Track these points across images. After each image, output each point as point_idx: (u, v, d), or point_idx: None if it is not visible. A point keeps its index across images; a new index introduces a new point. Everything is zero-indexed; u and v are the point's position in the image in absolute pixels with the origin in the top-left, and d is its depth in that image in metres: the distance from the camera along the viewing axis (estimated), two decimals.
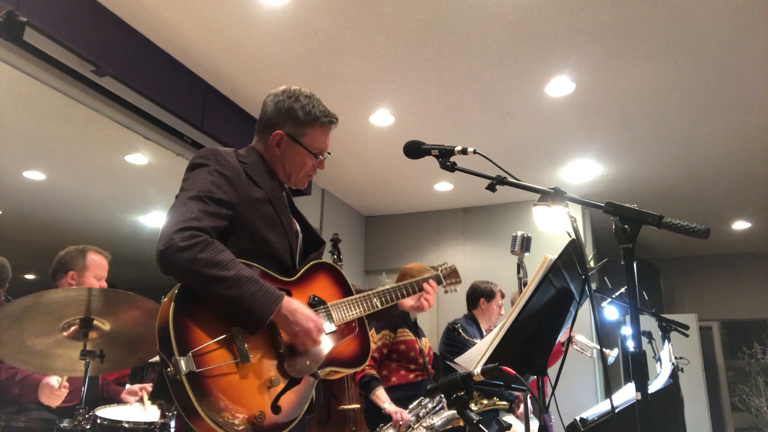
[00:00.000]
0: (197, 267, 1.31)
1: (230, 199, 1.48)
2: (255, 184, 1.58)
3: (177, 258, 1.31)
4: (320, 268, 1.68)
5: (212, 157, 1.53)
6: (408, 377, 2.98)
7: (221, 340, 1.34)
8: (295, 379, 1.44)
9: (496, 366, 1.26)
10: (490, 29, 3.34)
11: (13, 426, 2.05)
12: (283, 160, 1.68)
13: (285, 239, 1.59)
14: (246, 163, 1.61)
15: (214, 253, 1.34)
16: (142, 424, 2.14)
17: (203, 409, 1.24)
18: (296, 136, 1.67)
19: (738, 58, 3.53)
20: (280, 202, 1.62)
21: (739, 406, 7.40)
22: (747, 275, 7.78)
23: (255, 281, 1.37)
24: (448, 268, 2.18)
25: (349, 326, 1.65)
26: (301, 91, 1.71)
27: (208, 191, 1.44)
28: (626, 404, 1.96)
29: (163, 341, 1.29)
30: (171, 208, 1.43)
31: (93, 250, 2.60)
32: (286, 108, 1.68)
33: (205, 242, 1.35)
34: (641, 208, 1.22)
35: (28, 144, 4.25)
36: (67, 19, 2.92)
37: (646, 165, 5.20)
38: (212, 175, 1.48)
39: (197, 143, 3.95)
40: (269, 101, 1.72)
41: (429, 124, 4.50)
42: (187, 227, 1.35)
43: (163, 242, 1.33)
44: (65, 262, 2.54)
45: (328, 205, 5.89)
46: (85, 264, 2.54)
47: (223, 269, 1.33)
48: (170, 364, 1.25)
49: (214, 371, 1.30)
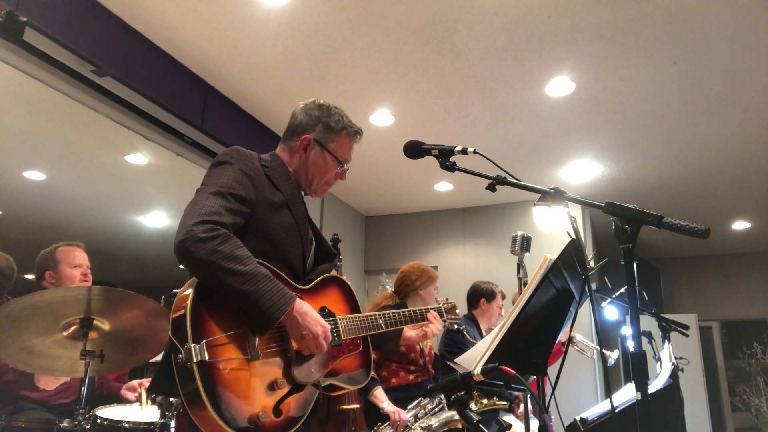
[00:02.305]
0: (216, 259, 1.32)
1: (250, 197, 1.50)
2: (275, 188, 1.60)
3: (197, 249, 1.32)
4: (333, 281, 1.71)
5: (236, 156, 1.56)
6: (408, 378, 2.98)
7: (235, 334, 1.35)
8: (299, 385, 1.45)
9: (496, 366, 1.26)
10: (490, 29, 3.34)
11: (13, 426, 2.04)
12: (307, 166, 1.72)
13: (299, 244, 1.61)
14: (268, 167, 1.63)
15: (233, 247, 1.36)
16: (142, 424, 2.14)
17: (208, 399, 1.24)
18: (324, 141, 1.72)
19: (738, 58, 3.53)
20: (298, 207, 1.64)
21: (739, 406, 7.40)
22: (747, 275, 7.78)
23: (271, 279, 1.39)
24: (449, 305, 2.19)
25: (354, 343, 1.66)
26: (329, 104, 1.79)
27: (230, 187, 1.46)
28: (626, 404, 1.96)
29: (178, 327, 1.30)
30: (191, 201, 1.44)
31: (62, 245, 2.63)
32: (316, 115, 1.74)
33: (225, 236, 1.37)
34: (641, 208, 1.21)
35: (28, 144, 4.24)
36: (67, 19, 2.93)
37: (646, 165, 5.20)
38: (235, 172, 1.51)
39: (197, 143, 3.95)
40: (299, 109, 1.78)
41: (429, 124, 4.50)
42: (207, 220, 1.36)
43: (183, 233, 1.34)
44: (40, 266, 2.59)
45: (328, 205, 5.89)
46: (56, 259, 2.57)
47: (241, 264, 1.35)
48: (182, 351, 1.26)
49: (224, 364, 1.31)
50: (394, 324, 1.82)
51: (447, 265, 6.25)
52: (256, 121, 4.40)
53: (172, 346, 1.30)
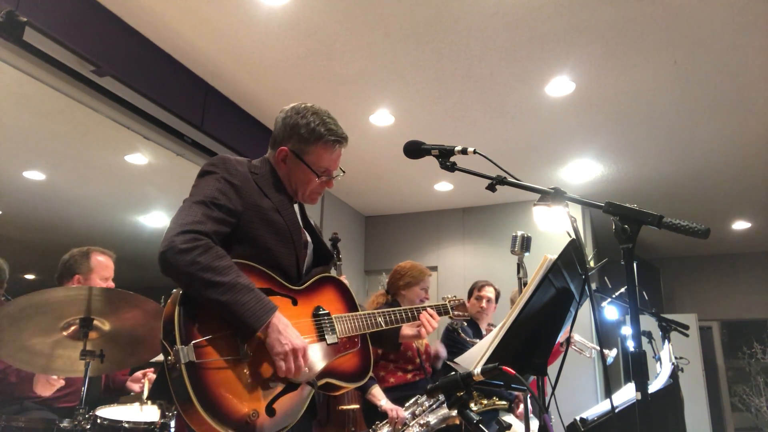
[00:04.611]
0: (194, 270, 1.33)
1: (234, 207, 1.49)
2: (264, 195, 1.59)
3: (176, 260, 1.33)
4: (328, 281, 1.70)
5: (221, 165, 1.55)
6: (405, 378, 2.98)
7: (224, 335, 1.36)
8: (293, 384, 1.44)
9: (496, 366, 1.26)
10: (490, 29, 3.34)
11: (13, 426, 2.04)
12: (289, 176, 1.69)
13: (292, 249, 1.59)
14: (257, 174, 1.62)
15: (213, 258, 1.36)
16: (142, 424, 2.14)
17: (198, 400, 1.24)
18: (300, 153, 1.67)
19: (738, 58, 3.53)
20: (288, 213, 1.63)
21: (739, 406, 7.40)
22: (747, 275, 7.78)
23: (250, 290, 1.37)
24: (456, 301, 2.16)
25: (352, 341, 1.65)
26: (310, 108, 1.69)
27: (212, 197, 1.46)
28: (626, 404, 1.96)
29: (167, 330, 1.32)
30: (176, 213, 1.45)
31: (97, 251, 2.59)
32: (291, 124, 1.67)
33: (206, 246, 1.37)
34: (641, 208, 1.22)
35: (28, 144, 4.24)
36: (67, 19, 2.92)
37: (646, 165, 5.20)
38: (219, 182, 1.50)
39: (197, 143, 3.95)
40: (279, 117, 1.72)
41: (429, 124, 4.50)
42: (189, 230, 1.37)
43: (164, 244, 1.35)
44: (70, 266, 2.52)
45: (328, 205, 5.89)
46: (90, 266, 2.53)
47: (219, 274, 1.34)
48: (171, 353, 1.27)
49: (213, 364, 1.31)
50: (394, 322, 1.80)
51: (447, 265, 6.25)
52: (256, 121, 4.40)
53: (163, 349, 1.31)
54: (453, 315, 2.12)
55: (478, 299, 3.61)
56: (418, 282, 3.08)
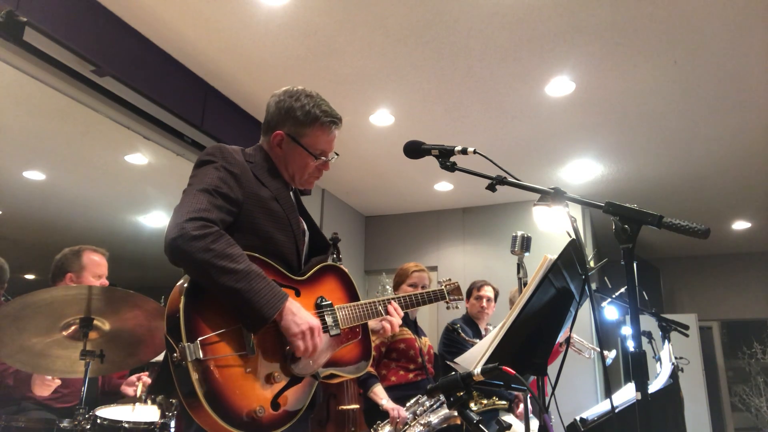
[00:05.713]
0: (209, 257, 1.31)
1: (236, 196, 1.48)
2: (261, 183, 1.58)
3: (190, 247, 1.31)
4: (330, 270, 1.68)
5: (219, 154, 1.53)
6: (407, 377, 2.98)
7: (230, 331, 1.35)
8: (296, 378, 1.44)
9: (496, 366, 1.26)
10: (490, 29, 3.34)
11: (13, 426, 2.04)
12: (285, 161, 1.67)
13: (291, 237, 1.59)
14: (252, 162, 1.61)
15: (226, 245, 1.35)
16: (142, 424, 2.14)
17: (204, 397, 1.24)
18: (296, 136, 1.65)
19: (738, 58, 3.53)
20: (286, 201, 1.62)
21: (739, 406, 7.40)
22: (747, 275, 7.78)
23: (264, 278, 1.37)
24: (452, 285, 2.17)
25: (353, 331, 1.64)
26: (302, 91, 1.69)
27: (215, 186, 1.44)
28: (626, 404, 1.96)
29: (172, 327, 1.30)
30: (180, 201, 1.43)
31: (89, 250, 2.57)
32: (286, 108, 1.66)
33: (217, 233, 1.36)
34: (641, 208, 1.21)
35: (28, 144, 4.24)
36: (67, 19, 2.92)
37: (646, 165, 5.20)
38: (219, 171, 1.49)
39: (197, 143, 3.95)
40: (272, 101, 1.70)
41: (429, 124, 4.50)
42: (198, 217, 1.35)
43: (175, 231, 1.32)
44: (62, 265, 2.52)
45: (328, 205, 5.89)
46: (82, 264, 2.52)
47: (234, 261, 1.33)
48: (177, 350, 1.26)
49: (220, 361, 1.31)
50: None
51: (447, 265, 6.25)
52: (257, 121, 4.40)
53: (168, 346, 1.30)
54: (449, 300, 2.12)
55: (478, 299, 3.62)
56: (404, 280, 3.13)
